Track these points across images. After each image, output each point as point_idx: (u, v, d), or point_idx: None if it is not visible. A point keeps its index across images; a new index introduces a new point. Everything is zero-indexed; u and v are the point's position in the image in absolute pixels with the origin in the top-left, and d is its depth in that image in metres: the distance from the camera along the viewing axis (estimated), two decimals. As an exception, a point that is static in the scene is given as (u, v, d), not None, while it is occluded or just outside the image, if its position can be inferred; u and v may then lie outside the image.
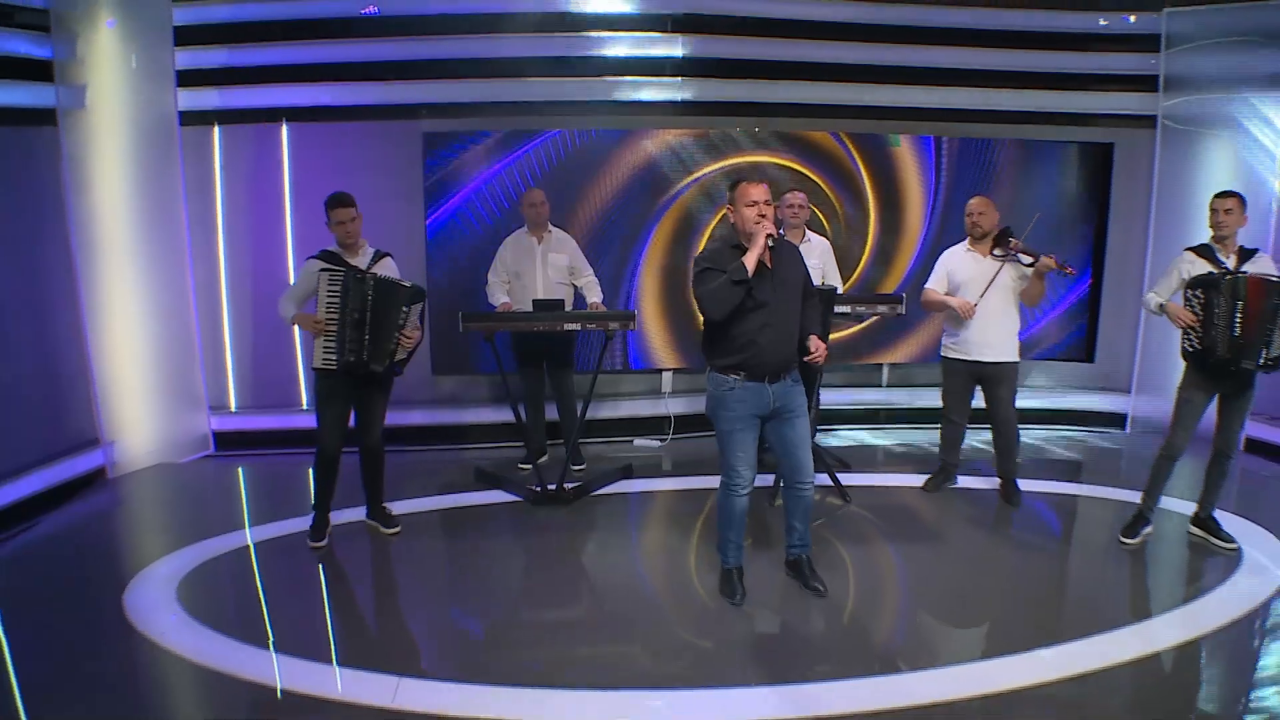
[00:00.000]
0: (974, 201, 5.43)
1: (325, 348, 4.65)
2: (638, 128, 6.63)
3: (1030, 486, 5.69)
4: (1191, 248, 4.72)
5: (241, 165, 6.52)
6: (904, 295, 5.53)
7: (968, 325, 5.33)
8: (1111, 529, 5.03)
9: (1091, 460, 6.66)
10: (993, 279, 5.26)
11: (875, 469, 6.32)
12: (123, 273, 5.98)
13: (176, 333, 6.30)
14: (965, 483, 5.82)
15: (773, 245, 3.91)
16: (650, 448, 6.82)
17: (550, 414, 6.25)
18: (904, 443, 6.94)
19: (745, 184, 3.96)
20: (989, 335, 5.33)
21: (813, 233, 5.87)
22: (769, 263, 3.92)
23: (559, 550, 4.92)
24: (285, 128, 6.51)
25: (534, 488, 5.54)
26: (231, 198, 6.53)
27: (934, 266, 5.52)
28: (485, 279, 6.02)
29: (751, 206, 3.90)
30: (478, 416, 6.83)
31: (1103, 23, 6.95)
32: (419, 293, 4.78)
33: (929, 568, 4.75)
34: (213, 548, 4.84)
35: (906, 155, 6.97)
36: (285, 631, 3.94)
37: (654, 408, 7.03)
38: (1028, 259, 5.22)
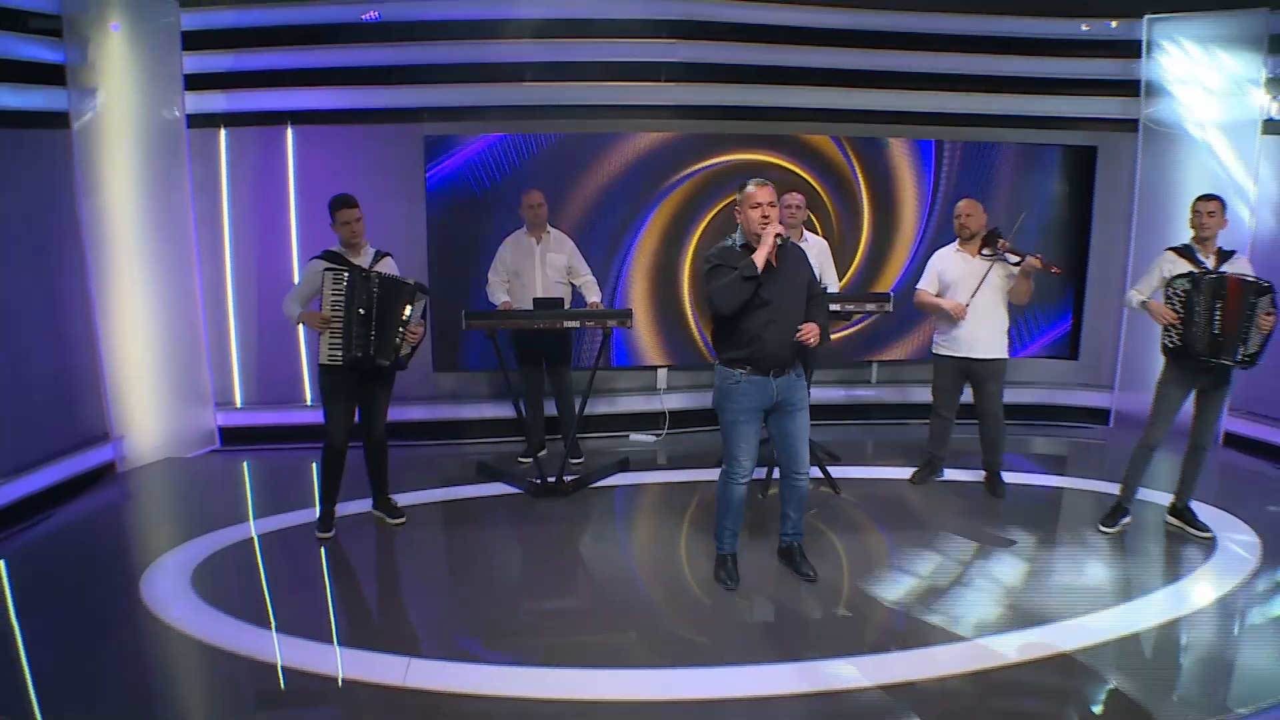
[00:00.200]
0: (962, 203, 5.60)
1: (331, 344, 4.80)
2: (634, 131, 6.77)
3: (1014, 479, 5.87)
4: (1173, 247, 4.91)
5: (247, 167, 6.64)
6: (891, 294, 5.69)
7: (959, 323, 5.51)
8: (1092, 519, 5.22)
9: (1075, 454, 6.85)
10: (982, 279, 5.43)
11: (864, 462, 6.50)
12: (132, 272, 6.12)
13: (184, 330, 6.44)
14: (951, 475, 6.00)
15: (779, 245, 4.08)
16: (645, 442, 6.99)
17: (549, 409, 6.41)
18: (893, 437, 7.12)
19: (754, 187, 4.13)
20: (979, 333, 5.50)
21: (810, 233, 6.03)
22: (775, 262, 4.10)
23: (559, 539, 5.10)
24: (290, 130, 6.63)
25: (534, 480, 5.71)
26: (237, 199, 6.66)
27: (928, 266, 5.71)
28: (485, 277, 6.18)
29: (756, 209, 4.07)
30: (478, 412, 6.98)
31: (1085, 28, 7.12)
32: (422, 290, 4.93)
33: (916, 555, 4.93)
34: (223, 538, 4.99)
35: (903, 158, 7.13)
36: (298, 616, 4.10)
37: (649, 404, 7.20)
38: (1015, 258, 5.39)
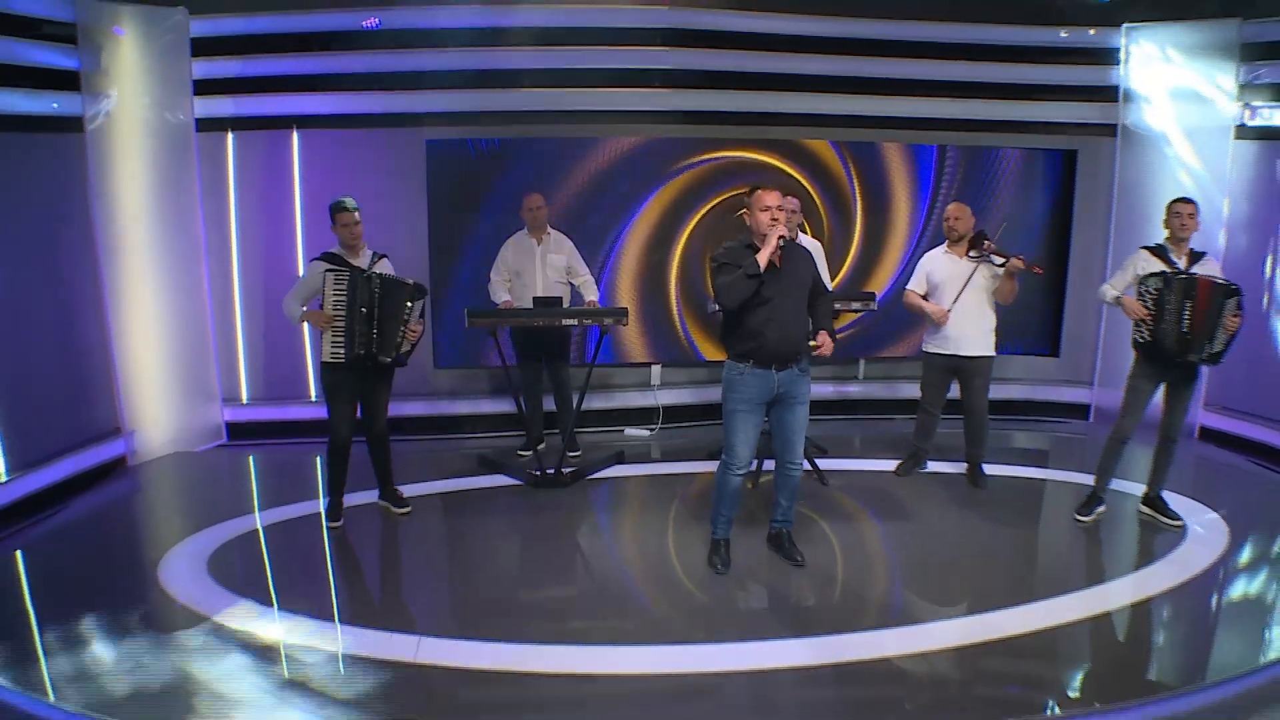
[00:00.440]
0: (951, 207, 5.84)
1: (333, 342, 4.99)
2: (630, 135, 6.97)
3: (996, 471, 6.10)
4: (1147, 247, 5.14)
5: (254, 170, 6.82)
6: (874, 293, 5.92)
7: (948, 322, 5.73)
8: (1069, 508, 5.45)
9: (1055, 448, 7.09)
10: (968, 279, 5.66)
11: (851, 454, 6.72)
12: (143, 272, 6.30)
13: (192, 329, 6.62)
14: (934, 467, 6.23)
15: (783, 246, 4.30)
16: (640, 437, 7.21)
17: (548, 405, 6.61)
18: (879, 432, 7.34)
19: (762, 191, 4.36)
20: (966, 331, 5.72)
21: (803, 234, 6.24)
22: (779, 262, 4.32)
23: (557, 527, 5.32)
24: (296, 134, 6.81)
25: (534, 472, 5.93)
26: (244, 200, 6.83)
27: (917, 267, 5.93)
28: (485, 277, 6.38)
29: (765, 211, 4.29)
30: (478, 407, 7.19)
31: (1064, 34, 7.33)
32: (421, 290, 5.13)
33: (900, 541, 5.19)
34: (236, 528, 5.19)
35: (899, 162, 7.33)
36: (312, 599, 4.32)
37: (644, 399, 7.42)
38: (999, 260, 5.62)
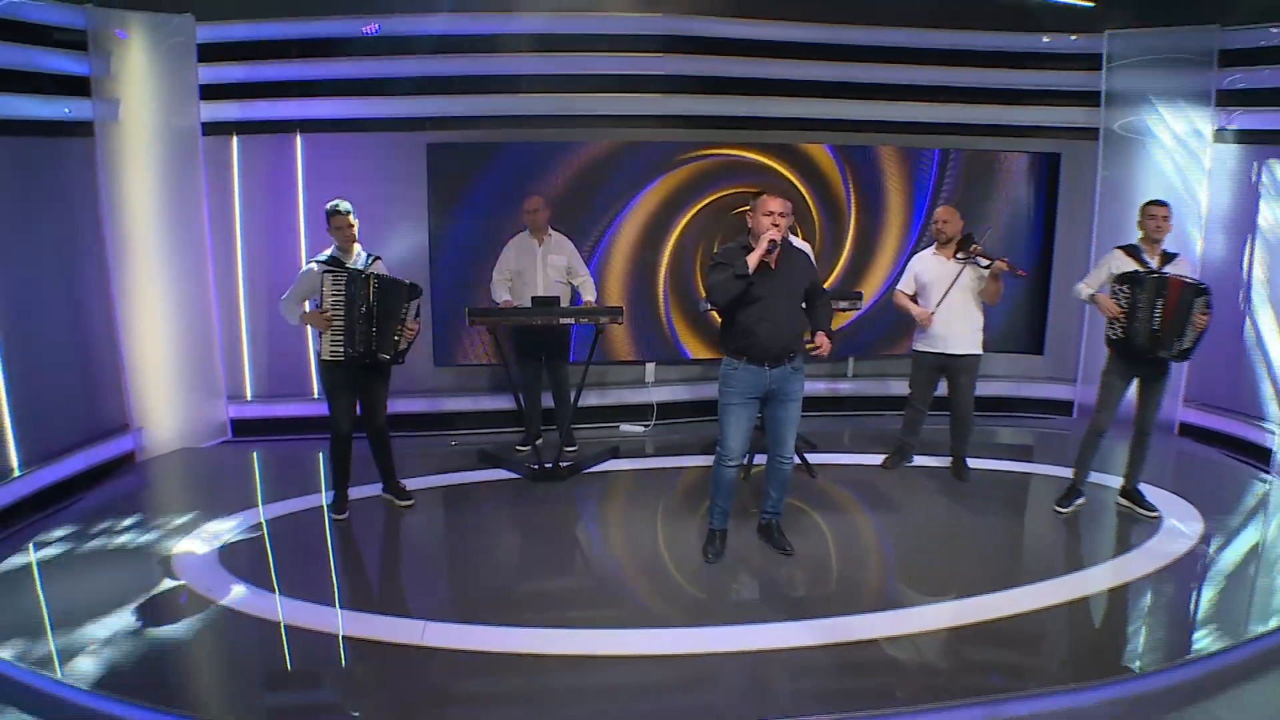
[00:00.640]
0: (940, 210, 6.03)
1: (333, 341, 5.13)
2: (627, 139, 7.12)
3: (980, 465, 6.29)
4: (1121, 247, 5.34)
5: (258, 172, 6.96)
6: (861, 292, 6.11)
7: (935, 322, 5.92)
8: (1050, 501, 5.65)
9: (1038, 443, 7.28)
10: (955, 279, 5.84)
11: (840, 449, 6.89)
12: (150, 272, 6.46)
13: (198, 327, 6.77)
14: (920, 461, 6.42)
15: (771, 249, 4.45)
16: (635, 432, 7.39)
17: (546, 401, 6.77)
18: (867, 428, 7.52)
19: (767, 196, 4.55)
20: (953, 330, 5.90)
21: (793, 237, 6.41)
22: (774, 264, 4.50)
23: (556, 518, 5.50)
24: (299, 138, 6.95)
25: (532, 466, 6.11)
26: (249, 202, 6.97)
27: (906, 268, 6.12)
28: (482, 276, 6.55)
29: (768, 215, 4.47)
30: (477, 404, 7.35)
31: (1045, 39, 7.53)
32: (416, 290, 5.29)
33: (886, 531, 5.40)
34: (244, 521, 5.36)
35: (896, 165, 7.51)
36: (322, 587, 4.51)
37: (638, 396, 7.59)
38: (985, 262, 5.81)
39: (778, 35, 7.31)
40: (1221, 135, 7.05)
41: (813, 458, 6.32)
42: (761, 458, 4.98)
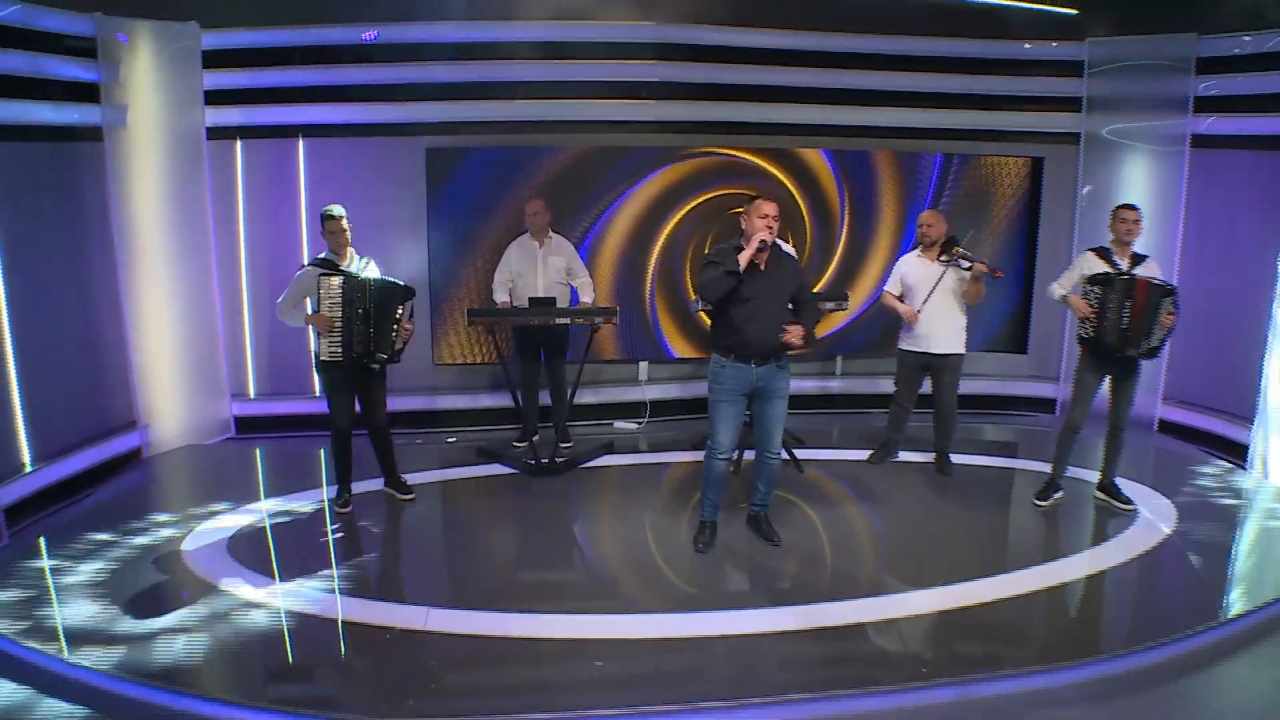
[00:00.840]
0: (925, 214, 6.23)
1: (331, 342, 5.29)
2: (620, 144, 7.31)
3: (963, 460, 6.50)
4: (1092, 249, 5.55)
5: (261, 176, 7.12)
6: (848, 294, 6.31)
7: (919, 321, 6.11)
8: (1030, 495, 5.85)
9: (1020, 439, 7.48)
10: (938, 281, 6.05)
11: (828, 445, 7.11)
12: (157, 273, 6.63)
13: (203, 327, 6.94)
14: (905, 457, 6.63)
15: (762, 249, 4.65)
16: (628, 429, 7.58)
17: (543, 399, 6.95)
18: (855, 425, 7.72)
19: (762, 200, 4.76)
20: (937, 330, 6.11)
21: (780, 240, 6.59)
22: (763, 265, 4.70)
23: (553, 510, 5.70)
24: (301, 142, 7.10)
25: (529, 461, 6.31)
26: (252, 205, 7.13)
27: (893, 270, 6.32)
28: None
29: (763, 219, 4.68)
30: (475, 402, 7.52)
31: (1027, 46, 7.73)
32: (410, 292, 5.47)
33: (870, 522, 5.61)
34: (249, 514, 5.55)
35: (895, 170, 7.72)
36: (330, 576, 4.70)
37: (632, 394, 7.78)
38: (966, 264, 6.01)
39: (767, 43, 7.50)
40: (1199, 140, 7.21)
41: (801, 453, 6.52)
42: (751, 453, 5.17)
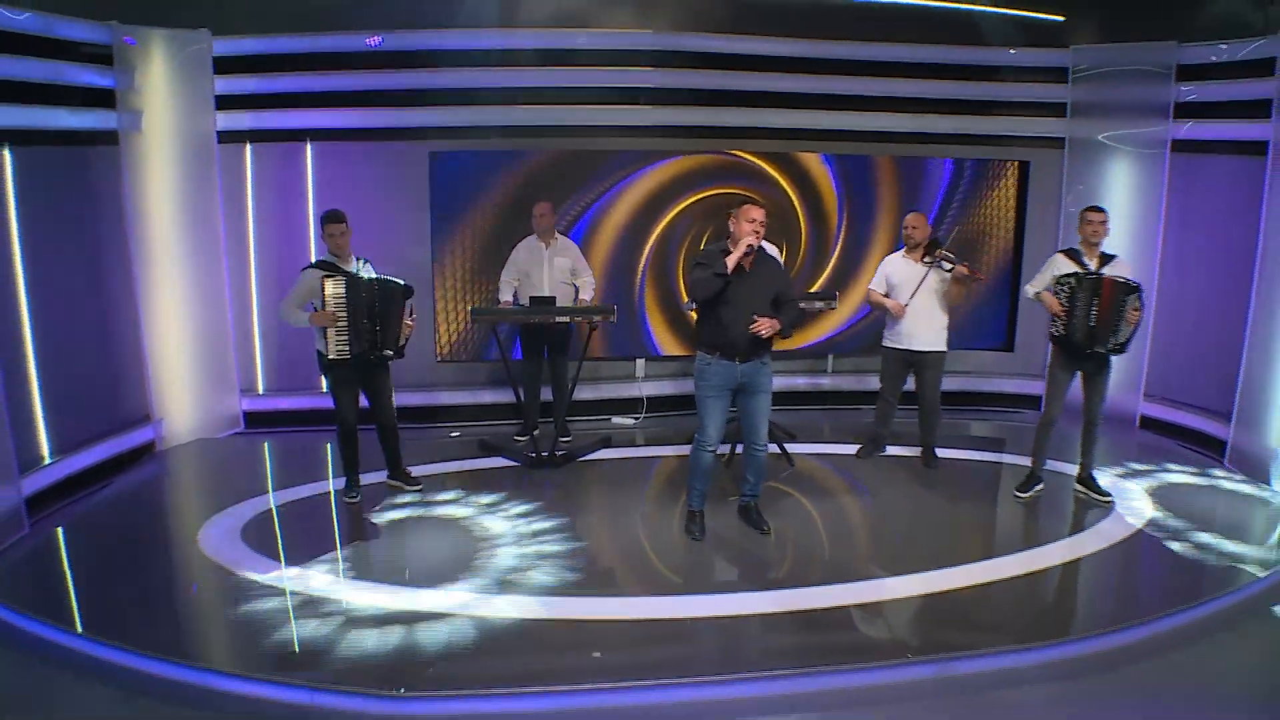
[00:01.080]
0: (910, 216, 6.45)
1: (338, 341, 5.51)
2: (617, 149, 7.53)
3: (951, 455, 6.73)
4: (1062, 250, 5.79)
5: (270, 179, 7.33)
6: (836, 293, 6.53)
7: (903, 319, 6.34)
8: (1012, 488, 6.07)
9: (1005, 435, 7.69)
10: (921, 281, 6.27)
11: (819, 440, 7.33)
12: (169, 272, 6.85)
13: (213, 324, 7.16)
14: (892, 451, 6.85)
15: (748, 252, 4.87)
16: (625, 425, 7.80)
17: (544, 395, 7.15)
18: (845, 421, 7.93)
19: (749, 205, 4.98)
20: (919, 328, 6.33)
21: (766, 242, 6.79)
22: (748, 267, 4.92)
23: (551, 502, 5.89)
24: (309, 146, 7.32)
25: (529, 454, 6.53)
26: (261, 207, 7.35)
27: (878, 270, 6.53)
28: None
29: (751, 223, 4.90)
30: (477, 398, 7.74)
31: (1011, 52, 7.95)
32: (409, 290, 5.71)
33: (857, 513, 5.85)
34: (261, 504, 5.77)
35: (888, 173, 7.96)
36: (341, 561, 4.94)
37: (629, 390, 8.01)
38: (948, 266, 6.23)
39: (761, 50, 7.70)
40: (1179, 144, 7.41)
41: (792, 447, 6.74)
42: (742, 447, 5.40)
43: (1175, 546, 5.20)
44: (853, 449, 6.89)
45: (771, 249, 6.60)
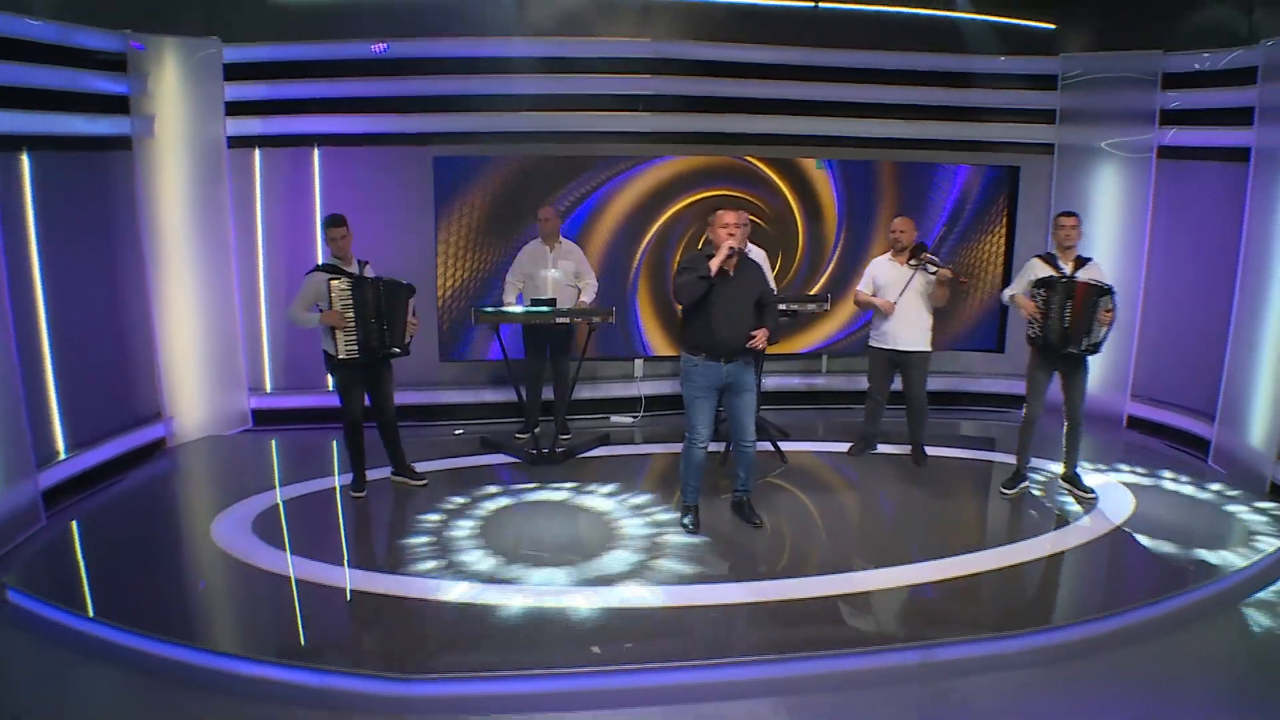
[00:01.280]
0: (897, 221, 6.62)
1: (347, 341, 5.69)
2: (615, 154, 7.71)
3: (942, 453, 6.91)
4: (1039, 255, 5.97)
5: (279, 183, 7.52)
6: (829, 295, 6.71)
7: (888, 320, 6.52)
8: (998, 484, 6.25)
9: (995, 434, 7.86)
10: (907, 283, 6.45)
11: (812, 438, 7.50)
12: (181, 274, 7.03)
13: (223, 324, 7.34)
14: (883, 449, 7.03)
15: (730, 255, 5.05)
16: (624, 423, 7.98)
17: (546, 394, 7.33)
18: (839, 420, 8.10)
19: (722, 211, 5.17)
20: (903, 329, 6.51)
21: (753, 244, 6.93)
22: (731, 270, 5.10)
23: (554, 496, 6.07)
24: (317, 151, 7.51)
25: (530, 451, 6.71)
26: (270, 210, 7.54)
27: (865, 271, 6.70)
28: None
29: (724, 228, 5.09)
30: (478, 397, 7.93)
31: (1002, 59, 8.13)
32: (412, 289, 5.91)
33: (848, 508, 6.03)
34: (271, 499, 5.94)
35: (890, 179, 8.14)
36: (349, 553, 5.15)
37: (627, 390, 8.19)
38: (933, 268, 6.41)
39: (757, 58, 7.88)
40: (1165, 151, 7.58)
41: (786, 445, 6.92)
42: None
43: (1153, 542, 5.35)
44: (844, 446, 7.06)
45: (758, 252, 6.79)
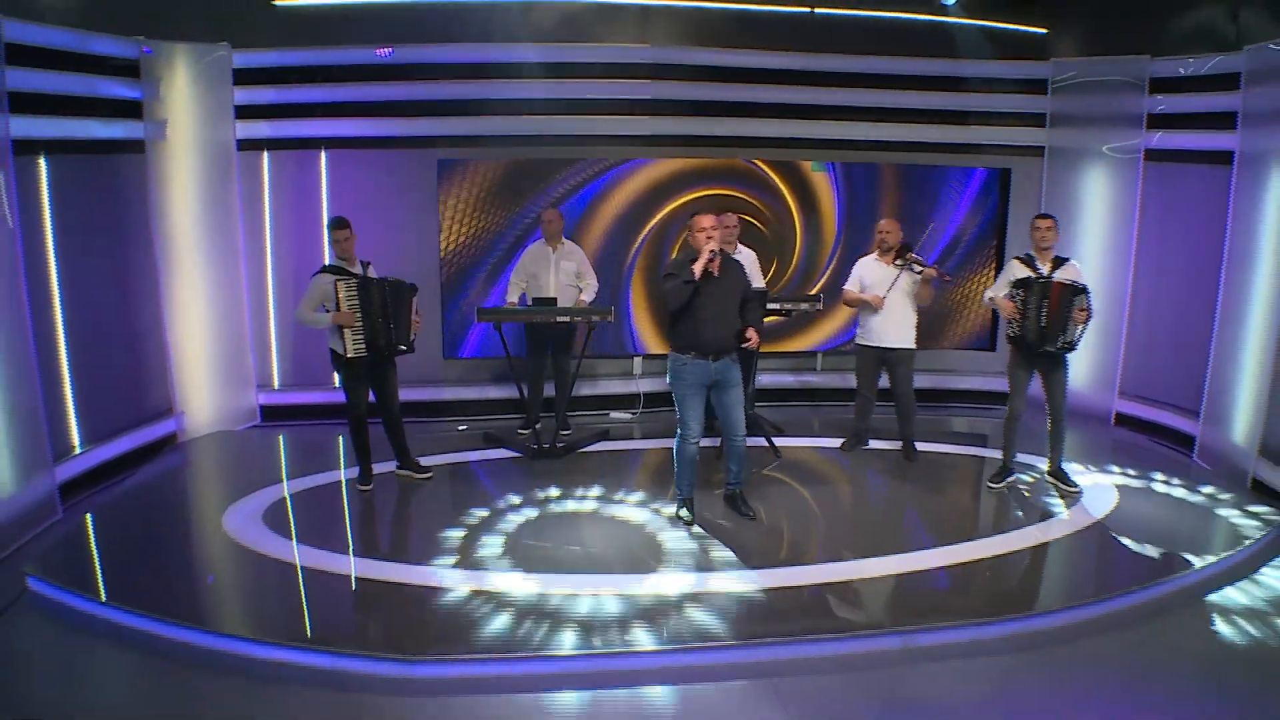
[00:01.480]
0: (883, 221, 6.79)
1: (355, 339, 5.86)
2: (614, 157, 7.90)
3: (933, 449, 7.08)
4: (1018, 256, 6.13)
5: (287, 185, 7.71)
6: (821, 295, 6.89)
7: (874, 318, 6.69)
8: (985, 478, 6.44)
9: (987, 431, 8.00)
10: (893, 282, 6.62)
11: (806, 434, 7.65)
12: (191, 273, 7.23)
13: (232, 323, 7.54)
14: (875, 445, 7.20)
15: (712, 258, 5.22)
16: (623, 419, 8.17)
17: (547, 391, 7.50)
18: (832, 416, 8.26)
19: (699, 215, 5.35)
20: (889, 326, 6.67)
21: (744, 245, 7.04)
22: (715, 272, 5.28)
23: (553, 490, 6.24)
24: (324, 154, 7.70)
25: (532, 446, 6.89)
26: (278, 211, 7.73)
27: (852, 271, 6.88)
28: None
29: (701, 232, 5.27)
30: (482, 393, 8.11)
31: (995, 64, 8.30)
32: (414, 288, 6.10)
33: (839, 501, 6.20)
34: (280, 491, 6.14)
35: (891, 180, 8.32)
36: (358, 543, 5.33)
37: (626, 386, 8.37)
38: (918, 268, 6.58)
39: (754, 63, 8.08)
40: (1152, 154, 7.73)
41: (781, 441, 7.10)
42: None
43: (1134, 535, 5.51)
44: (838, 442, 7.23)
45: (748, 254, 6.95)
